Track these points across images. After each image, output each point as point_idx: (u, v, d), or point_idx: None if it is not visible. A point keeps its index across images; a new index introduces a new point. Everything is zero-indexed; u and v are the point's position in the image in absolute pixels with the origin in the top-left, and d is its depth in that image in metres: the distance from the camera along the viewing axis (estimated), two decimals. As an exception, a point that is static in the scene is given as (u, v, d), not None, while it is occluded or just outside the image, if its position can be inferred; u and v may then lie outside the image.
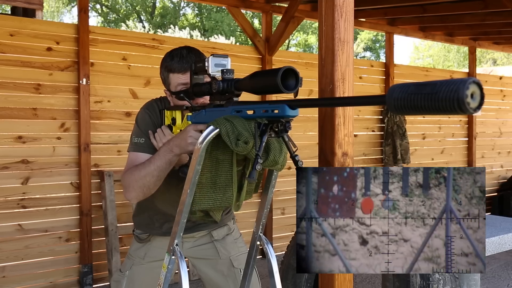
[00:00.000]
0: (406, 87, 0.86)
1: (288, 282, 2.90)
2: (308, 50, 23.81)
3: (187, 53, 1.73)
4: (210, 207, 1.34)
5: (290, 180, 4.79)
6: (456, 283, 2.60)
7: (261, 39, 4.85)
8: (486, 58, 26.29)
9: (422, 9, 4.98)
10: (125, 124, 4.06)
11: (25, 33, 3.67)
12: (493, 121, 7.04)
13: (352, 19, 1.58)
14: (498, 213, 6.55)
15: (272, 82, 1.13)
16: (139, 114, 1.82)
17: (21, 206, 3.67)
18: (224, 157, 1.31)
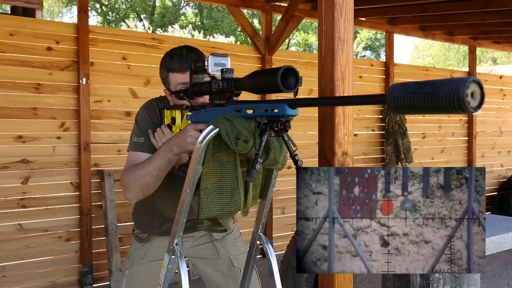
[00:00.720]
0: (406, 86, 0.85)
1: (288, 281, 2.90)
2: (308, 49, 23.81)
3: (187, 53, 1.72)
4: (219, 213, 1.29)
5: (290, 179, 4.79)
6: (456, 282, 2.60)
7: (261, 38, 4.84)
8: (486, 57, 26.28)
9: (422, 8, 4.98)
10: (125, 124, 4.06)
11: (25, 33, 3.67)
12: (493, 120, 7.04)
13: (352, 18, 1.58)
14: (498, 212, 6.55)
15: (272, 82, 1.13)
16: (139, 113, 1.82)
17: (21, 206, 3.67)
18: (227, 158, 1.28)
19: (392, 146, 5.74)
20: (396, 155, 5.73)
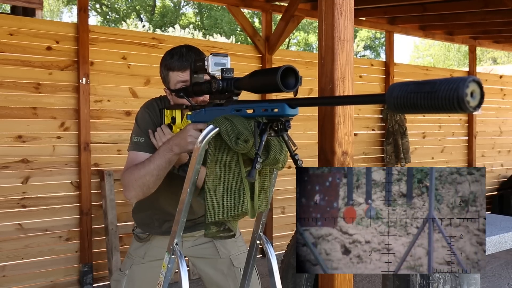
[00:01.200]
0: (406, 86, 0.85)
1: (288, 281, 2.90)
2: (308, 49, 23.80)
3: (187, 52, 1.73)
4: (226, 216, 1.27)
5: (290, 179, 4.79)
6: (456, 282, 2.60)
7: (261, 38, 4.84)
8: (486, 57, 26.28)
9: (422, 8, 4.97)
10: (125, 123, 4.06)
11: (25, 33, 3.67)
12: (493, 120, 7.04)
13: (352, 17, 1.58)
14: (498, 212, 6.55)
15: (271, 81, 1.13)
16: (139, 113, 1.82)
17: (21, 206, 3.67)
18: (230, 159, 1.27)
19: (392, 145, 5.74)
20: (395, 154, 5.73)
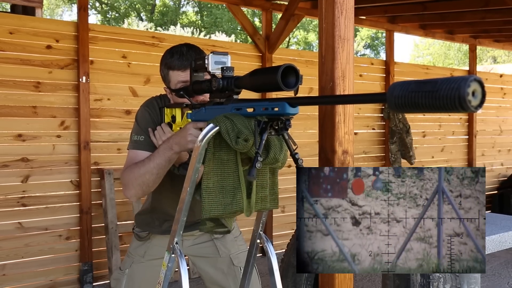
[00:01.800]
0: (406, 85, 0.85)
1: (288, 280, 2.90)
2: (308, 48, 23.79)
3: (187, 51, 1.72)
4: (221, 213, 1.28)
5: (290, 178, 4.77)
6: (456, 281, 2.60)
7: (261, 37, 4.84)
8: (487, 56, 26.26)
9: (423, 7, 4.97)
10: (125, 122, 4.06)
11: (25, 31, 3.66)
12: (493, 119, 7.03)
13: (353, 16, 1.58)
14: (498, 211, 6.55)
15: (272, 80, 1.13)
16: (139, 112, 1.82)
17: (21, 204, 3.67)
18: (228, 157, 1.27)
19: (397, 144, 5.74)
20: (402, 153, 5.73)
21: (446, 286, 2.57)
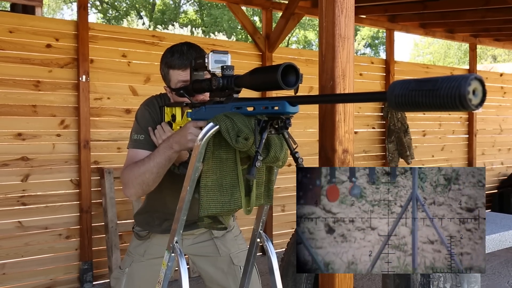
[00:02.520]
0: (407, 84, 0.85)
1: (288, 279, 2.90)
2: (308, 47, 23.77)
3: (188, 50, 1.72)
4: (219, 211, 1.28)
5: (290, 177, 4.78)
6: (456, 280, 2.60)
7: (261, 36, 4.83)
8: (487, 55, 26.25)
9: (423, 6, 4.97)
10: (125, 121, 4.06)
11: (25, 30, 3.66)
12: (493, 118, 7.03)
13: (353, 15, 1.57)
14: (498, 210, 6.55)
15: (272, 79, 1.13)
16: (139, 110, 1.82)
17: (21, 203, 3.67)
18: (227, 156, 1.28)
19: (395, 143, 5.73)
20: (399, 152, 5.72)
21: (446, 285, 2.57)
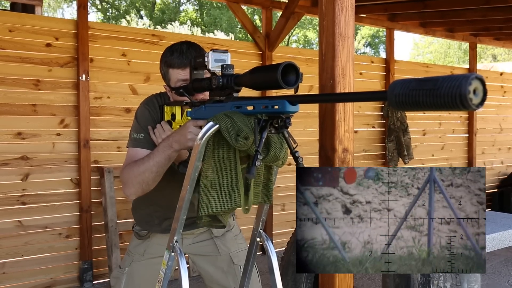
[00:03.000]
0: (407, 83, 0.85)
1: (288, 278, 2.90)
2: (308, 46, 23.76)
3: (187, 49, 1.71)
4: (218, 210, 1.29)
5: (290, 176, 4.77)
6: (456, 279, 2.60)
7: (261, 35, 4.83)
8: (487, 54, 26.24)
9: (423, 5, 4.96)
10: (124, 120, 4.05)
11: (24, 29, 3.65)
12: (493, 117, 7.03)
13: (353, 14, 1.57)
14: (498, 209, 6.55)
15: (272, 78, 1.12)
16: (139, 109, 1.82)
17: (21, 203, 3.67)
18: (227, 155, 1.28)
19: (394, 143, 5.73)
20: (398, 151, 5.72)
21: (446, 284, 2.57)
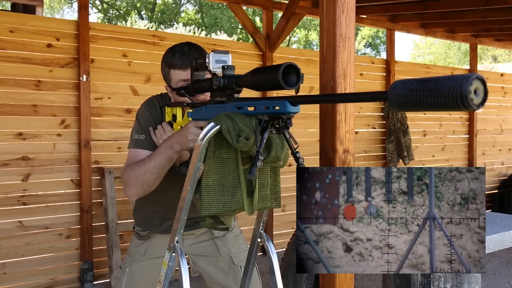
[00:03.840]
0: (408, 83, 0.85)
1: (288, 279, 2.90)
2: (308, 47, 23.77)
3: (188, 49, 1.72)
4: (220, 211, 1.28)
5: (291, 177, 4.76)
6: (457, 280, 2.59)
7: (262, 35, 4.83)
8: (487, 55, 26.23)
9: (423, 6, 4.96)
10: (125, 121, 4.06)
11: (25, 30, 3.66)
12: (494, 118, 7.03)
13: (354, 15, 1.57)
14: (499, 210, 6.55)
15: (273, 78, 1.13)
16: (140, 110, 1.82)
17: (22, 203, 3.67)
18: (229, 156, 1.27)
19: (394, 144, 5.73)
20: (398, 152, 5.72)
21: (446, 285, 2.57)
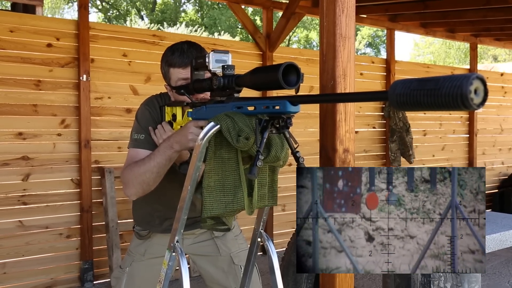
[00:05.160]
0: (408, 83, 0.85)
1: (288, 278, 2.90)
2: (309, 46, 23.76)
3: (188, 48, 1.72)
4: (222, 212, 1.28)
5: (291, 176, 4.76)
6: (457, 279, 2.59)
7: (262, 35, 4.83)
8: (487, 55, 26.23)
9: (424, 5, 4.96)
10: (125, 121, 4.06)
11: (25, 29, 3.66)
12: (494, 118, 7.02)
13: (354, 14, 1.57)
14: (499, 210, 6.54)
15: (273, 78, 1.12)
16: (139, 110, 1.82)
17: (22, 203, 3.67)
18: (229, 156, 1.27)
19: (397, 143, 5.73)
20: (402, 151, 5.72)
21: (446, 285, 2.57)
